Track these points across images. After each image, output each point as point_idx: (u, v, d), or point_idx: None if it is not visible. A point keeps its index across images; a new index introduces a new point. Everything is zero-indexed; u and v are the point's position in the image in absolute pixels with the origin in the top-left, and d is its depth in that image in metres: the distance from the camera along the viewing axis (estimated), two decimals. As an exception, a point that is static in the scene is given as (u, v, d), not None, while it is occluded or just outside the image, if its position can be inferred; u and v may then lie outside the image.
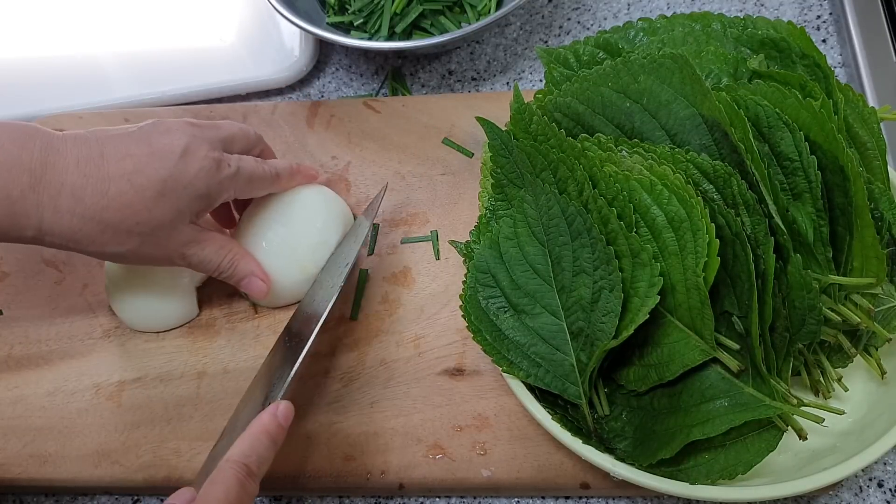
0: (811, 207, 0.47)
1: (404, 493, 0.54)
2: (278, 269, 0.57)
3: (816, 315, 0.44)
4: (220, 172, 0.51)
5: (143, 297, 0.59)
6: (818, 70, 0.51)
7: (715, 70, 0.52)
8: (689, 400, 0.46)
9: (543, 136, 0.51)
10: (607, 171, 0.48)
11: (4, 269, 0.66)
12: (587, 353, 0.47)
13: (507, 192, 0.51)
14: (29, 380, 0.60)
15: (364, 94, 0.75)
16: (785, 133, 0.47)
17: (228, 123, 0.55)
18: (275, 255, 0.57)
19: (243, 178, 0.54)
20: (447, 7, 0.71)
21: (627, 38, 0.56)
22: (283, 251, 0.57)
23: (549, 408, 0.48)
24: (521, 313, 0.48)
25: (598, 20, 0.76)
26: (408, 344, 0.57)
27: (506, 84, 0.73)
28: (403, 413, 0.54)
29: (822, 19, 0.72)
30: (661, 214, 0.46)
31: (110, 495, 0.58)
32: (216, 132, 0.53)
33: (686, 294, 0.45)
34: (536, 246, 0.49)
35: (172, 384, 0.58)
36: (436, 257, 0.61)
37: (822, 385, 0.49)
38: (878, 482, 0.52)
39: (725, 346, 0.46)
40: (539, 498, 0.54)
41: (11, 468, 0.56)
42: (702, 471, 0.45)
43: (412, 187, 0.65)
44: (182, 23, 0.80)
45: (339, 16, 0.73)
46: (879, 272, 0.46)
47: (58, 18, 0.82)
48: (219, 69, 0.75)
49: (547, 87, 0.56)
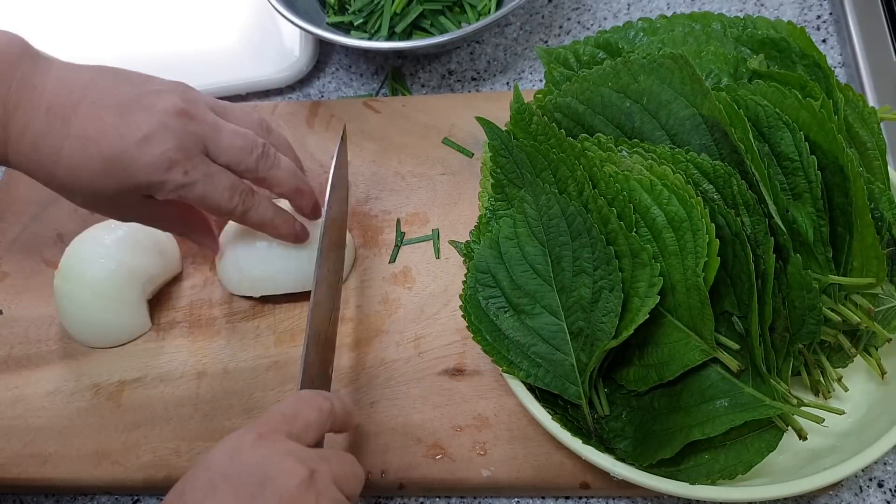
0: (811, 207, 0.47)
1: (404, 493, 0.54)
2: (275, 259, 0.58)
3: (816, 315, 0.44)
4: (168, 174, 0.47)
5: (92, 312, 0.58)
6: (818, 70, 0.51)
7: (715, 70, 0.52)
8: (689, 400, 0.46)
9: (543, 136, 0.51)
10: (607, 171, 0.48)
11: (4, 269, 0.66)
12: (587, 353, 0.47)
13: (507, 192, 0.51)
14: (29, 380, 0.60)
15: (364, 94, 0.75)
16: (785, 133, 0.47)
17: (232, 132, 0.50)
18: (267, 246, 0.58)
19: (194, 193, 0.49)
20: (447, 7, 0.71)
21: (627, 38, 0.56)
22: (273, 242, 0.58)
23: (549, 408, 0.48)
24: (521, 313, 0.48)
25: (598, 20, 0.76)
26: (408, 344, 0.57)
27: (506, 84, 0.73)
28: (403, 413, 0.54)
29: (822, 19, 0.72)
30: (661, 214, 0.46)
31: (110, 495, 0.58)
32: (205, 130, 0.49)
33: (686, 294, 0.45)
34: (536, 246, 0.49)
35: (172, 384, 0.58)
36: (436, 256, 0.61)
37: (822, 385, 0.49)
38: (878, 482, 0.52)
39: (725, 346, 0.46)
40: (539, 498, 0.54)
41: (11, 468, 0.56)
42: (702, 471, 0.45)
43: (412, 187, 0.65)
44: (182, 23, 0.80)
45: (339, 16, 0.73)
46: (879, 272, 0.46)
47: (59, 19, 0.82)
48: (219, 69, 0.75)
49: (547, 87, 0.56)
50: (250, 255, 0.58)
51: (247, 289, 0.59)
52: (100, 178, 0.47)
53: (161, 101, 0.48)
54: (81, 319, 0.58)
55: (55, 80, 0.47)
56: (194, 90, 0.51)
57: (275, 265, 0.58)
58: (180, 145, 0.47)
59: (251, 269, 0.58)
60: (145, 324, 0.60)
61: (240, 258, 0.58)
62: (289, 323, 0.60)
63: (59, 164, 0.47)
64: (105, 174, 0.47)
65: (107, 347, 0.60)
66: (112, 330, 0.59)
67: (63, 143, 0.46)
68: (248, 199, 0.52)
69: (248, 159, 0.50)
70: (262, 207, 0.53)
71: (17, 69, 0.46)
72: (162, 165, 0.47)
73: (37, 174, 0.48)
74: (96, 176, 0.47)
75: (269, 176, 0.52)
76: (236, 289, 0.60)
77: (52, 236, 0.67)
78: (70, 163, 0.47)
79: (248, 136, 0.51)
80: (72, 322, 0.59)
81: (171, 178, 0.48)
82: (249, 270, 0.58)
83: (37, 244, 0.66)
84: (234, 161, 0.50)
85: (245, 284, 0.59)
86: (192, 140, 0.48)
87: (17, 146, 0.47)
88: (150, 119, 0.47)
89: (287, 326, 0.59)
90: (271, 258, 0.58)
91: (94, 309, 0.58)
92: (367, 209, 0.64)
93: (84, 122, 0.46)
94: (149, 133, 0.46)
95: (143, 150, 0.46)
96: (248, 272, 0.58)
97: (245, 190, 0.51)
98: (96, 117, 0.46)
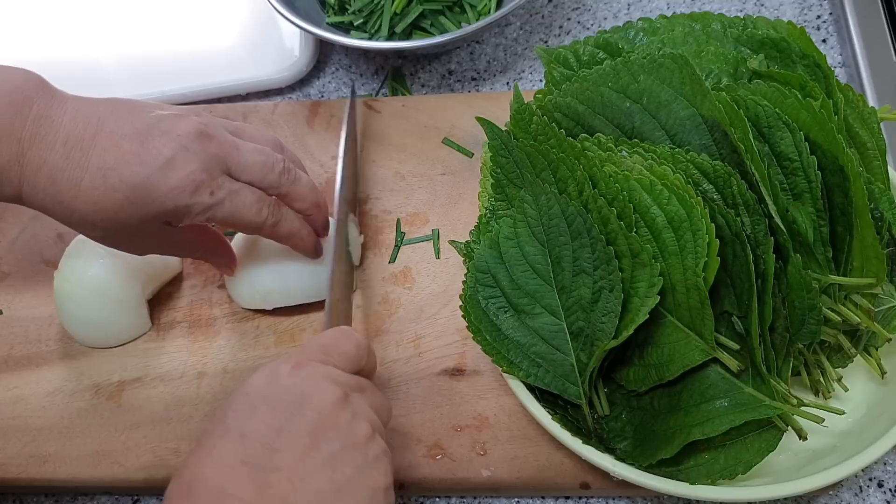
0: (811, 207, 0.47)
1: (404, 493, 0.54)
2: (289, 272, 0.58)
3: (816, 315, 0.44)
4: (195, 196, 0.47)
5: (92, 312, 0.58)
6: (818, 70, 0.51)
7: (715, 70, 0.52)
8: (689, 400, 0.46)
9: (543, 136, 0.51)
10: (607, 171, 0.48)
11: (4, 269, 0.66)
12: (587, 353, 0.47)
13: (507, 192, 0.51)
14: (29, 380, 0.60)
15: (364, 94, 0.75)
16: (785, 133, 0.47)
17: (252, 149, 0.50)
18: (279, 260, 0.58)
19: (223, 212, 0.49)
20: (447, 7, 0.71)
21: (627, 38, 0.56)
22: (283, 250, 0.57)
23: (549, 408, 0.48)
24: (521, 313, 0.48)
25: (598, 20, 0.76)
26: (408, 344, 0.57)
27: (506, 84, 0.73)
28: (403, 413, 0.54)
29: (822, 19, 0.72)
30: (661, 214, 0.46)
31: (110, 495, 0.58)
32: (225, 150, 0.49)
33: (686, 294, 0.45)
34: (536, 246, 0.49)
35: (172, 384, 0.58)
36: (436, 256, 0.61)
37: (822, 385, 0.49)
38: (878, 482, 0.52)
39: (725, 346, 0.46)
40: (539, 498, 0.54)
41: (11, 468, 0.56)
42: (702, 471, 0.45)
43: (412, 187, 0.65)
44: (182, 23, 0.80)
45: (339, 16, 0.73)
46: (879, 272, 0.46)
47: (58, 19, 0.82)
48: (219, 69, 0.75)
49: (547, 87, 0.56)
50: (262, 270, 0.58)
51: (258, 302, 0.59)
52: (123, 209, 0.47)
53: (179, 125, 0.47)
54: (81, 319, 0.58)
55: (71, 113, 0.46)
56: (207, 113, 0.51)
57: (289, 278, 0.58)
58: (204, 167, 0.47)
59: (265, 284, 0.58)
60: (145, 324, 0.60)
61: (251, 273, 0.58)
62: (289, 323, 0.60)
63: (78, 197, 0.46)
64: (129, 203, 0.47)
65: (107, 347, 0.60)
66: (112, 330, 0.59)
67: (83, 175, 0.46)
68: (277, 211, 0.52)
69: (271, 175, 0.51)
70: (291, 218, 0.53)
71: (33, 104, 0.46)
72: (188, 188, 0.47)
73: (54, 210, 0.47)
74: (119, 206, 0.47)
75: (291, 191, 0.52)
76: (247, 303, 0.59)
77: (52, 236, 0.67)
78: (91, 195, 0.46)
79: (268, 153, 0.51)
80: (72, 322, 0.59)
81: (199, 201, 0.47)
82: (263, 285, 0.58)
83: (37, 244, 0.66)
84: (257, 178, 0.50)
85: (257, 298, 0.58)
86: (215, 161, 0.48)
87: (34, 181, 0.46)
88: (171, 143, 0.46)
89: (287, 326, 0.59)
90: (285, 271, 0.58)
91: (94, 309, 0.58)
92: (367, 209, 0.64)
93: (103, 152, 0.46)
94: (171, 157, 0.46)
95: (167, 175, 0.46)
96: (260, 286, 0.58)
97: (272, 202, 0.51)
98: (115, 146, 0.46)
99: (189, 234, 0.54)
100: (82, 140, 0.46)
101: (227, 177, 0.49)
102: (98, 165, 0.46)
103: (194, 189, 0.47)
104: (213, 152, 0.48)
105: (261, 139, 0.53)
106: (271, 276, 0.58)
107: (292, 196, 0.53)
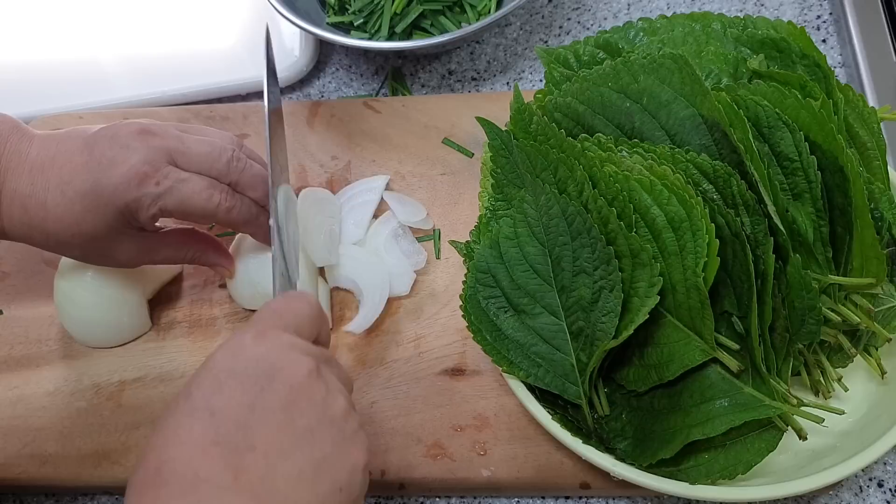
0: (811, 207, 0.47)
1: (404, 493, 0.54)
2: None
3: (816, 315, 0.44)
4: (141, 188, 0.47)
5: (92, 312, 0.58)
6: (818, 70, 0.51)
7: (715, 70, 0.52)
8: (689, 400, 0.46)
9: (543, 136, 0.51)
10: (607, 171, 0.48)
11: (4, 269, 0.66)
12: (587, 353, 0.47)
13: (507, 192, 0.51)
14: (29, 380, 0.60)
15: (364, 94, 0.75)
16: (785, 133, 0.47)
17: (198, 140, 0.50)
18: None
19: (173, 201, 0.48)
20: (447, 7, 0.71)
21: (627, 38, 0.56)
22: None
23: (549, 408, 0.48)
24: (521, 313, 0.48)
25: (598, 20, 0.76)
26: (408, 344, 0.57)
27: (506, 84, 0.73)
28: (403, 413, 0.54)
29: (822, 19, 0.72)
30: (661, 214, 0.46)
31: (110, 495, 0.58)
32: (168, 143, 0.49)
33: (686, 294, 0.45)
34: (536, 246, 0.49)
35: (172, 384, 0.58)
36: (436, 256, 0.61)
37: (822, 385, 0.49)
38: (878, 482, 0.52)
39: (725, 346, 0.46)
40: (539, 498, 0.54)
41: (11, 468, 0.56)
42: (702, 471, 0.45)
43: (412, 187, 0.65)
44: (182, 23, 0.80)
45: (339, 16, 0.73)
46: (879, 272, 0.46)
47: (58, 19, 0.82)
48: (219, 69, 0.75)
49: (547, 87, 0.56)
50: (263, 269, 0.57)
51: (259, 302, 0.58)
52: (85, 219, 0.48)
53: (122, 128, 0.49)
54: (81, 319, 0.58)
55: (37, 145, 0.48)
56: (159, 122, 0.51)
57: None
58: (145, 159, 0.48)
59: (266, 284, 0.57)
60: (145, 324, 0.60)
61: (252, 273, 0.57)
62: (289, 323, 0.60)
63: (47, 218, 0.48)
64: (87, 212, 0.48)
65: (107, 347, 0.60)
66: (112, 330, 0.59)
67: (46, 195, 0.47)
68: (230, 197, 0.51)
69: (219, 164, 0.50)
70: (246, 204, 0.52)
71: (6, 143, 0.47)
72: (133, 181, 0.47)
73: (32, 237, 0.49)
74: (80, 217, 0.48)
75: (241, 179, 0.52)
76: (249, 304, 0.59)
77: (53, 236, 0.67)
78: (56, 212, 0.48)
79: (215, 143, 0.51)
80: (72, 322, 0.59)
81: (146, 192, 0.48)
82: (265, 285, 0.57)
83: (37, 244, 0.67)
84: (204, 167, 0.50)
85: (258, 299, 0.58)
86: (157, 153, 0.48)
87: (10, 213, 0.48)
88: (113, 145, 0.48)
89: (287, 326, 0.59)
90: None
91: (94, 309, 0.58)
92: (367, 209, 0.64)
93: (59, 169, 0.48)
94: (112, 157, 0.47)
95: (110, 174, 0.47)
96: (263, 286, 0.57)
97: (225, 189, 0.51)
98: (69, 162, 0.48)
99: (170, 238, 0.54)
100: (43, 164, 0.48)
101: (174, 167, 0.49)
102: (56, 183, 0.47)
103: (139, 181, 0.47)
104: (155, 145, 0.48)
105: (217, 136, 0.53)
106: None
107: (243, 184, 0.52)
